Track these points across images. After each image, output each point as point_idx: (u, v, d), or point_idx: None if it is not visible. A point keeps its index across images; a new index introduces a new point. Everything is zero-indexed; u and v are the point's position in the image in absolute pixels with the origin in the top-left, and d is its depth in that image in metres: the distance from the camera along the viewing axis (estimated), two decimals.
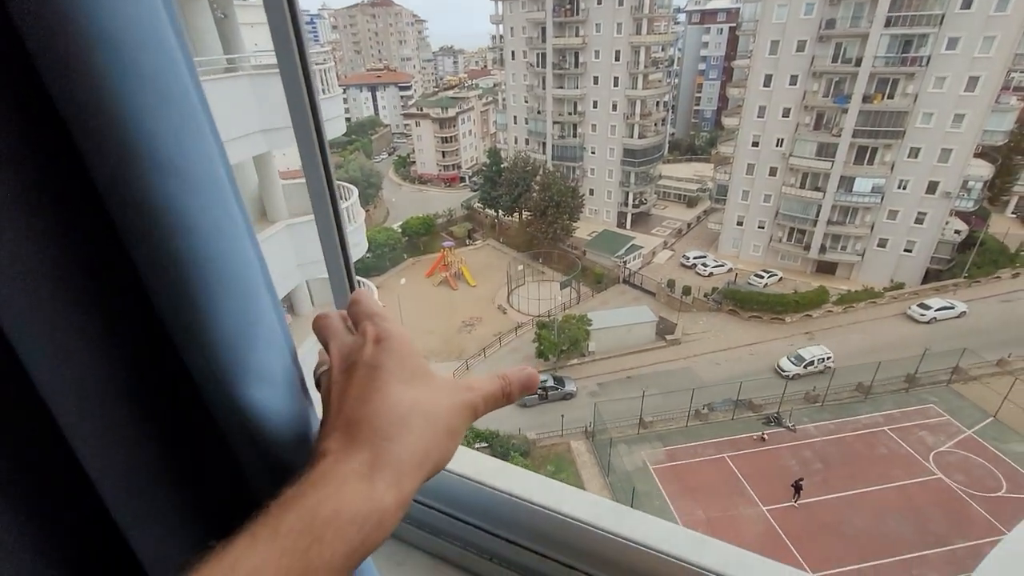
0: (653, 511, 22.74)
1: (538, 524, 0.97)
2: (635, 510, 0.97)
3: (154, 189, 0.41)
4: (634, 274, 45.01)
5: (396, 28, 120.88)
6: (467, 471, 1.06)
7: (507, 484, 1.02)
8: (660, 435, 28.47)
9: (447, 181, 76.69)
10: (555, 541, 0.95)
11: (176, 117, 0.43)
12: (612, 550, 0.90)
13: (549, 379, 32.34)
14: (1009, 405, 26.86)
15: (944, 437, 26.51)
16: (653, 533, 0.88)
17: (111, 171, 0.40)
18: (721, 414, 29.36)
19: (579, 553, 0.93)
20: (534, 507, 0.96)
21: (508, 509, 0.99)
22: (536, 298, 41.36)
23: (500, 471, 1.06)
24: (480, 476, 1.05)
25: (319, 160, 0.78)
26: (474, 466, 1.07)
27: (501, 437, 27.15)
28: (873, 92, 38.17)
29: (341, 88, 18.02)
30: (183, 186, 0.43)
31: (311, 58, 0.76)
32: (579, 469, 27.07)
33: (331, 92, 11.50)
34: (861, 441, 26.98)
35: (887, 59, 37.07)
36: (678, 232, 52.80)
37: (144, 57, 0.40)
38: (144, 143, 0.40)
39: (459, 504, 1.05)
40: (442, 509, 1.07)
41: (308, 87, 0.73)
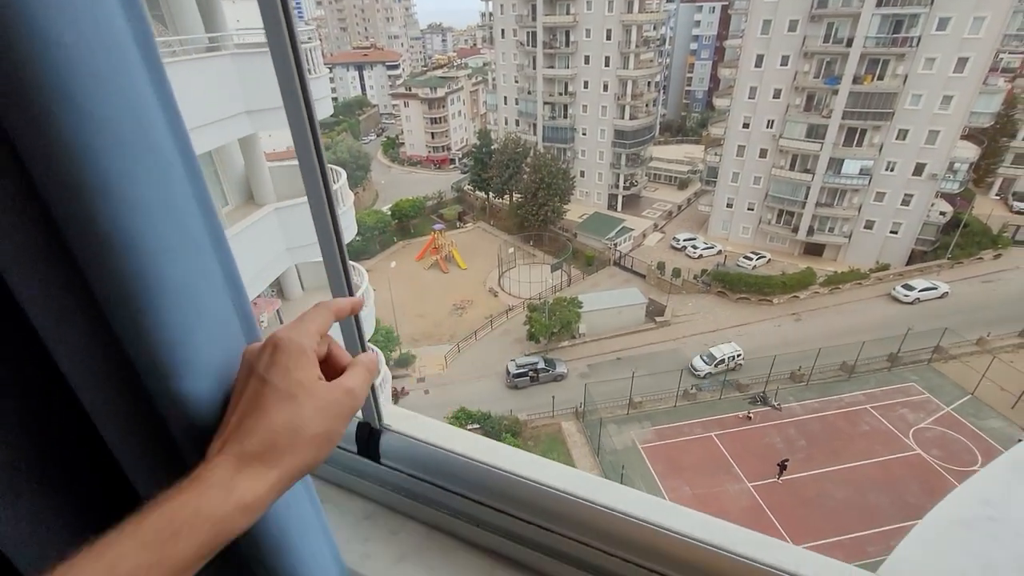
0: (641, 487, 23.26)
1: (521, 493, 1.04)
2: (608, 480, 1.05)
3: (100, 214, 0.44)
4: (624, 256, 45.18)
5: (383, 4, 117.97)
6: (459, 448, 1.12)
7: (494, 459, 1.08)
8: (649, 415, 28.95)
9: (437, 163, 75.88)
10: (536, 508, 1.03)
11: (129, 154, 0.45)
12: (585, 514, 0.98)
13: (540, 361, 32.62)
14: (987, 383, 27.64)
15: (924, 414, 27.26)
16: (623, 499, 0.97)
17: (59, 194, 0.43)
18: (709, 394, 29.88)
19: (557, 517, 1.00)
20: (517, 478, 1.04)
21: (495, 481, 1.05)
22: (527, 281, 41.44)
23: (490, 448, 1.13)
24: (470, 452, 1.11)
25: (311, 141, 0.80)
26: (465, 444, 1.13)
27: (493, 418, 27.46)
28: (864, 73, 38.16)
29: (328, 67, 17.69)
30: (129, 211, 0.46)
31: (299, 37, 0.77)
32: (570, 449, 27.53)
33: (317, 72, 11.26)
34: (844, 419, 27.67)
35: (878, 39, 36.99)
36: (668, 214, 52.92)
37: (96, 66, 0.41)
38: (89, 171, 0.42)
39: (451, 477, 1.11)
40: (435, 482, 1.13)
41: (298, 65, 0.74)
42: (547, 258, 45.35)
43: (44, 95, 0.39)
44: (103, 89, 0.42)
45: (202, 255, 0.56)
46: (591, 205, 54.02)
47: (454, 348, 35.84)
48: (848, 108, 38.79)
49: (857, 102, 38.59)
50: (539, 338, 33.97)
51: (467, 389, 31.97)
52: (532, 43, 52.82)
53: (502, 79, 58.77)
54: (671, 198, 56.02)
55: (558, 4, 50.31)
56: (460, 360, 35.25)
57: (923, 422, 26.81)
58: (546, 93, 53.94)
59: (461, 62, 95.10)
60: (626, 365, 32.09)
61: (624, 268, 44.75)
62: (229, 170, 11.52)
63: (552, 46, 51.92)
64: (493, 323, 38.27)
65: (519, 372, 31.82)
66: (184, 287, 0.53)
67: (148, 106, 0.48)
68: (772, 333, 35.16)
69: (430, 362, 34.99)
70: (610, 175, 53.44)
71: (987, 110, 39.41)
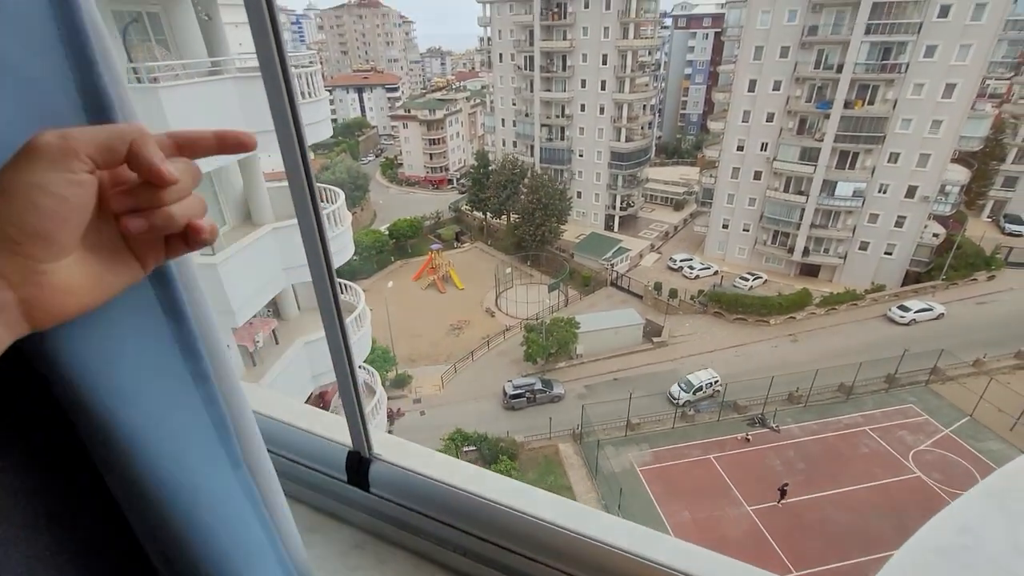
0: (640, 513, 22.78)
1: (510, 524, 1.04)
2: (597, 511, 1.02)
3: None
4: (621, 277, 45.31)
5: (383, 29, 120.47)
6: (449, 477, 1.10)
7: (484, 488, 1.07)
8: (647, 437, 28.66)
9: (435, 183, 76.52)
10: (525, 539, 1.03)
11: None
12: (574, 546, 0.98)
13: (537, 382, 32.42)
14: (985, 404, 27.54)
15: (923, 436, 27.08)
16: (611, 530, 0.96)
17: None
18: (707, 415, 29.66)
19: (545, 548, 0.99)
20: (507, 509, 1.03)
21: (485, 511, 1.03)
22: (524, 301, 41.44)
23: (480, 477, 1.11)
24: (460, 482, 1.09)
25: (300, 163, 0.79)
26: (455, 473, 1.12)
27: (489, 440, 27.14)
28: (854, 98, 38.94)
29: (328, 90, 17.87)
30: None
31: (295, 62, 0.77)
32: (567, 471, 27.15)
33: (317, 95, 11.40)
34: (843, 441, 27.45)
35: (867, 66, 37.86)
36: (665, 235, 53.28)
37: None
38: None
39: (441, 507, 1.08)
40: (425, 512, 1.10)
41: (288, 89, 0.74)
42: (544, 278, 45.45)
43: None
44: None
45: None
46: (588, 225, 54.39)
47: (451, 369, 35.61)
48: (840, 132, 39.49)
49: (849, 126, 39.30)
50: (536, 359, 33.81)
51: (463, 410, 31.66)
52: (529, 67, 53.86)
53: (500, 102, 59.72)
54: (667, 219, 56.49)
55: (555, 30, 51.47)
56: (457, 381, 34.99)
57: (922, 444, 26.61)
58: (543, 115, 54.79)
59: (459, 85, 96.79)
60: (623, 386, 31.89)
61: (621, 288, 44.84)
62: (228, 190, 11.58)
63: (549, 70, 52.94)
64: (490, 343, 38.12)
65: (516, 393, 31.58)
66: None
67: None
68: (769, 354, 35.10)
69: (426, 383, 34.72)
70: (607, 196, 53.96)
71: (976, 134, 40.15)
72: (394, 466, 1.09)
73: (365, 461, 1.10)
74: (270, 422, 1.24)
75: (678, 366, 34.46)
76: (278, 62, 0.69)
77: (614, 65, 49.32)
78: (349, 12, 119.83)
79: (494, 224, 55.36)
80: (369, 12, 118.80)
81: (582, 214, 55.10)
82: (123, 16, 9.19)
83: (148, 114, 7.89)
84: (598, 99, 51.07)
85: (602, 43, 49.19)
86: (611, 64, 49.40)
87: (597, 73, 50.37)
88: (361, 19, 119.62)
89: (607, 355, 35.57)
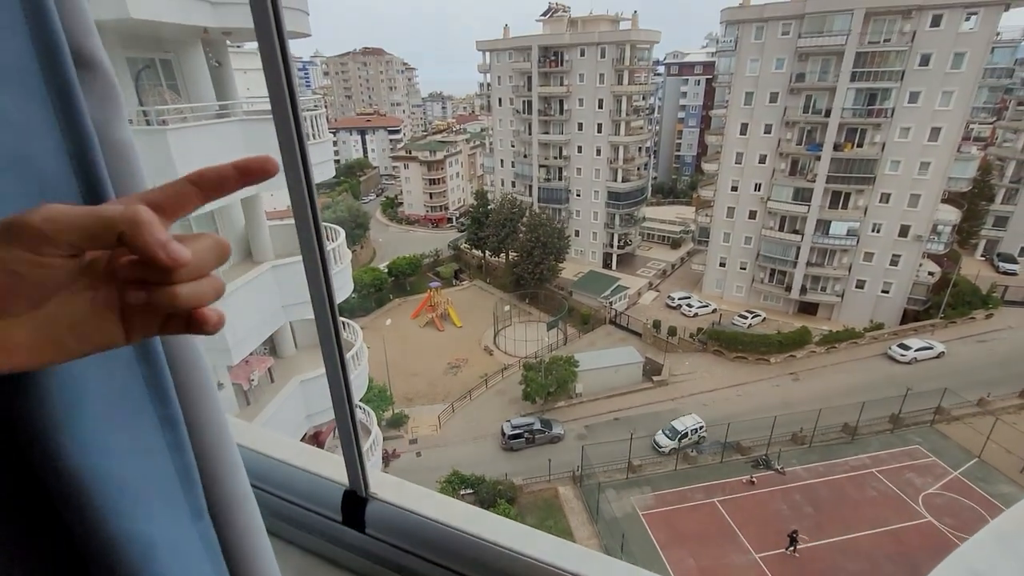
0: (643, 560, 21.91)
1: (510, 567, 0.99)
2: (596, 552, 0.99)
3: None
4: (620, 315, 45.27)
5: (387, 75, 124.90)
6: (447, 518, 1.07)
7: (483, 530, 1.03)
8: (648, 479, 27.93)
9: (434, 222, 77.51)
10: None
11: None
12: None
13: (536, 422, 31.85)
14: (992, 445, 27.03)
15: (931, 479, 26.42)
16: (610, 573, 0.91)
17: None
18: (710, 457, 29.01)
19: None
20: (507, 551, 0.99)
21: (484, 554, 0.99)
22: (523, 339, 41.22)
23: (479, 518, 1.08)
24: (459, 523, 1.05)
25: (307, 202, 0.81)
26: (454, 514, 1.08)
27: (487, 483, 26.41)
28: (843, 141, 40.06)
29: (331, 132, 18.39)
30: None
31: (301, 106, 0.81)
32: (567, 515, 26.30)
33: (321, 137, 11.72)
34: (850, 483, 26.75)
35: (854, 110, 39.14)
36: (663, 273, 53.61)
37: None
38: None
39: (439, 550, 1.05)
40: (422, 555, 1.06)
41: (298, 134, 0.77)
42: (543, 316, 45.38)
43: None
44: None
45: None
46: (586, 264, 54.77)
47: (448, 408, 35.04)
48: (831, 173, 40.40)
49: (839, 167, 40.25)
50: (535, 398, 33.33)
51: (461, 451, 30.95)
52: (528, 111, 55.56)
53: (499, 143, 61.28)
54: (665, 257, 56.97)
55: (552, 76, 53.39)
56: (454, 420, 34.37)
57: (932, 487, 25.94)
58: (541, 156, 56.12)
59: (460, 127, 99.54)
60: (624, 426, 31.33)
61: (620, 326, 44.72)
62: (229, 227, 11.72)
63: (547, 114, 54.60)
64: (488, 382, 37.66)
65: (514, 433, 30.96)
66: None
67: None
68: (771, 393, 34.69)
69: (423, 422, 34.08)
70: (604, 235, 54.61)
71: (964, 176, 41.09)
72: (391, 506, 1.06)
73: (361, 500, 1.07)
74: (264, 460, 1.21)
75: (679, 405, 33.97)
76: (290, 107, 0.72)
77: (610, 109, 50.93)
78: (354, 59, 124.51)
79: (493, 262, 55.74)
80: (373, 59, 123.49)
81: (580, 252, 55.60)
82: (136, 62, 9.55)
83: (155, 155, 8.08)
84: (595, 141, 52.46)
85: (598, 88, 50.95)
86: (607, 108, 51.01)
87: (593, 116, 51.95)
88: (365, 66, 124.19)
89: (607, 394, 35.10)
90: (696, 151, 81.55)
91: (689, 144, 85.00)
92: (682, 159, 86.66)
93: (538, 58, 53.02)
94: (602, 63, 50.19)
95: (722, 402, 33.98)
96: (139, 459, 0.55)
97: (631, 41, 49.40)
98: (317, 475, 1.15)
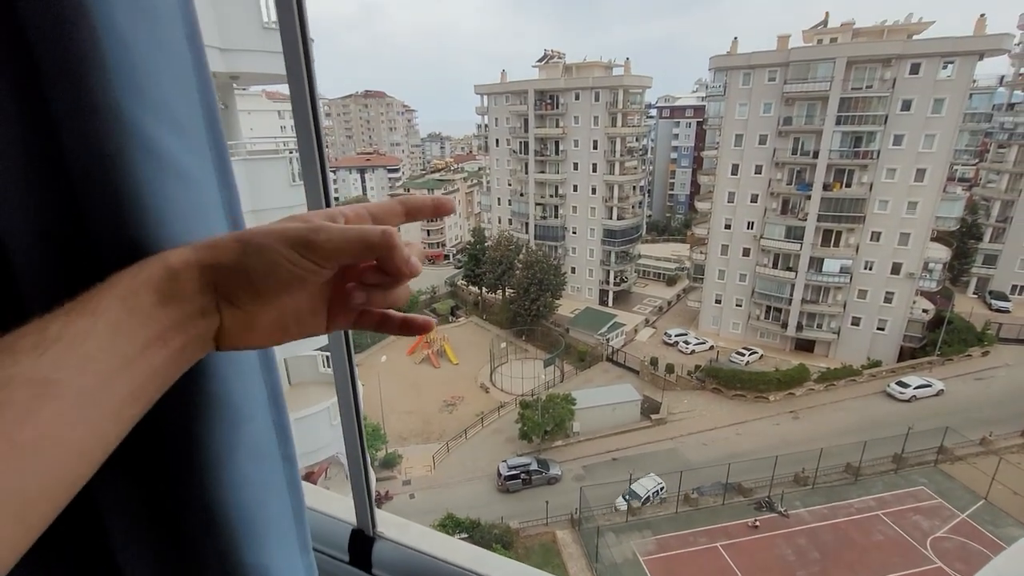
0: None
1: None
2: None
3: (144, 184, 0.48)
4: (617, 351, 45.04)
5: (387, 117, 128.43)
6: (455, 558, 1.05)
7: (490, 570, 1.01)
8: (649, 522, 27.12)
9: (431, 258, 78.02)
10: None
11: None
12: None
13: (533, 462, 31.15)
14: (997, 486, 26.51)
15: (939, 521, 25.77)
16: None
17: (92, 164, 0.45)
18: (711, 498, 28.29)
19: None
20: None
21: None
22: (519, 376, 40.80)
23: (485, 559, 1.06)
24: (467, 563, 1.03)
25: None
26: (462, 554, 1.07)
27: (482, 527, 25.58)
28: (832, 181, 41.06)
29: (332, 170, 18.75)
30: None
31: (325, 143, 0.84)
32: (565, 561, 25.36)
33: None
34: (856, 527, 26.03)
35: (841, 152, 40.30)
36: (659, 309, 53.71)
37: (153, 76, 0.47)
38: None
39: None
40: None
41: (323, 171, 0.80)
42: (540, 353, 45.10)
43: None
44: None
45: None
46: (583, 300, 54.91)
47: (443, 447, 34.29)
48: (822, 212, 41.20)
49: (830, 206, 41.09)
50: (532, 437, 32.71)
51: (456, 493, 30.11)
52: (524, 151, 56.94)
53: (496, 182, 62.47)
54: (661, 294, 57.22)
55: (548, 118, 55.02)
56: (449, 460, 33.57)
57: (939, 530, 25.26)
58: (538, 195, 57.13)
59: (458, 167, 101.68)
60: (623, 466, 30.66)
61: (617, 364, 44.41)
62: None
63: (543, 154, 55.95)
64: (484, 420, 37.03)
65: (511, 474, 30.21)
66: None
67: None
68: (771, 432, 34.21)
69: (417, 463, 33.27)
70: (600, 271, 55.00)
71: (951, 215, 41.93)
72: (398, 545, 1.04)
73: (369, 540, 1.05)
74: None
75: (678, 445, 33.38)
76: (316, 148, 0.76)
77: (604, 150, 52.27)
78: (355, 101, 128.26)
79: (489, 299, 55.80)
80: (374, 101, 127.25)
81: (576, 289, 55.83)
82: None
83: None
84: (590, 180, 53.58)
85: (592, 130, 52.45)
86: (601, 149, 52.37)
87: (588, 157, 53.25)
88: (366, 107, 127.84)
89: (605, 433, 34.50)
90: (689, 190, 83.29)
91: (682, 183, 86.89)
92: (675, 197, 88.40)
93: (534, 101, 54.76)
94: (596, 106, 51.85)
95: (722, 441, 33.43)
96: (267, 494, 0.59)
97: (624, 86, 51.22)
98: (324, 513, 1.13)
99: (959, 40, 36.13)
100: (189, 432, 0.52)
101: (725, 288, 46.98)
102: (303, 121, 0.78)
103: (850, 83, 39.02)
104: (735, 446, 32.48)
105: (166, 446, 0.52)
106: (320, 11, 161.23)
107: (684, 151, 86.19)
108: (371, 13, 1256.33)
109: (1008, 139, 49.79)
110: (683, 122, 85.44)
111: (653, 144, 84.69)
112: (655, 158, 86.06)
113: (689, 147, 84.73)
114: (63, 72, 0.41)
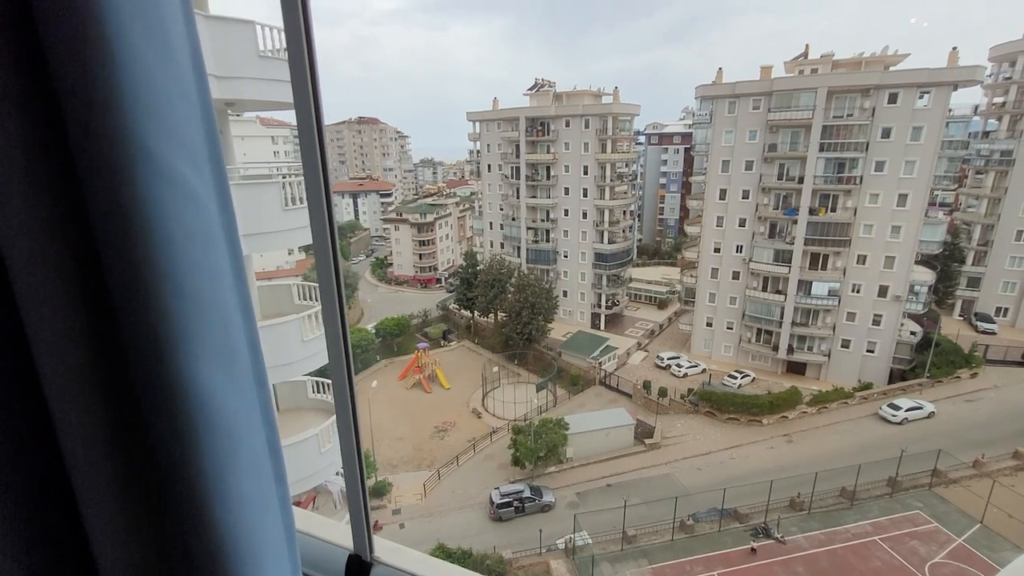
0: None
1: None
2: None
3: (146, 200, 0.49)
4: (610, 375, 44.88)
5: (380, 143, 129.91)
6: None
7: None
8: (645, 551, 26.60)
9: (423, 282, 77.94)
10: None
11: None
12: None
13: (526, 489, 30.60)
14: (992, 509, 26.41)
15: (936, 546, 25.54)
16: None
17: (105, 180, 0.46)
18: (707, 525, 27.87)
19: None
20: None
21: None
22: (512, 401, 40.42)
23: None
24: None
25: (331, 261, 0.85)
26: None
27: (474, 557, 24.92)
28: (817, 205, 41.91)
29: None
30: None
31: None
32: None
33: None
34: (853, 553, 25.71)
35: (825, 178, 41.26)
36: (651, 333, 53.79)
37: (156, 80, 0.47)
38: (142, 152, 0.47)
39: None
40: None
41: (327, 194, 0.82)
42: (532, 377, 44.80)
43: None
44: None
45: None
46: (575, 324, 54.91)
47: (434, 475, 33.65)
48: (808, 235, 41.92)
49: (816, 230, 41.84)
50: (524, 463, 32.21)
51: (447, 522, 29.43)
52: (516, 176, 57.68)
53: (488, 207, 63.03)
54: (652, 317, 57.40)
55: (539, 144, 55.96)
56: (440, 488, 32.91)
57: (937, 556, 25.00)
58: (529, 219, 57.65)
59: (450, 191, 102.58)
60: (617, 492, 30.22)
61: (610, 387, 44.20)
62: None
63: (534, 179, 56.70)
64: (476, 446, 36.48)
65: (503, 502, 29.63)
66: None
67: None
68: (765, 456, 34.00)
69: (407, 490, 32.57)
70: (592, 295, 55.20)
71: (934, 239, 42.80)
72: (396, 570, 1.02)
73: (366, 565, 1.03)
74: None
75: (672, 470, 33.02)
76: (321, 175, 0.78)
77: (594, 175, 53.11)
78: (349, 127, 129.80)
79: (481, 322, 55.64)
80: (367, 128, 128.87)
81: (568, 312, 55.88)
82: None
83: None
84: (580, 205, 54.25)
85: (583, 156, 53.37)
86: (592, 174, 53.21)
87: (579, 182, 54.04)
88: (360, 134, 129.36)
89: (598, 458, 34.09)
90: (679, 214, 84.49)
91: (671, 208, 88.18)
92: (665, 222, 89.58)
93: (526, 128, 55.75)
94: (586, 133, 52.88)
95: (716, 466, 33.15)
96: (260, 513, 0.58)
97: (613, 113, 52.39)
98: (321, 539, 1.11)
99: (933, 71, 37.54)
100: (185, 448, 0.52)
101: (716, 311, 47.28)
102: (309, 147, 0.80)
103: (831, 111, 40.21)
104: (730, 470, 32.20)
105: (160, 460, 0.52)
106: (317, 40, 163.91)
107: (673, 176, 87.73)
108: (364, 43, 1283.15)
109: (985, 165, 51.30)
110: (671, 148, 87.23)
111: (642, 170, 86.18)
112: (644, 183, 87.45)
113: (678, 172, 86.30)
114: (80, 96, 0.42)
